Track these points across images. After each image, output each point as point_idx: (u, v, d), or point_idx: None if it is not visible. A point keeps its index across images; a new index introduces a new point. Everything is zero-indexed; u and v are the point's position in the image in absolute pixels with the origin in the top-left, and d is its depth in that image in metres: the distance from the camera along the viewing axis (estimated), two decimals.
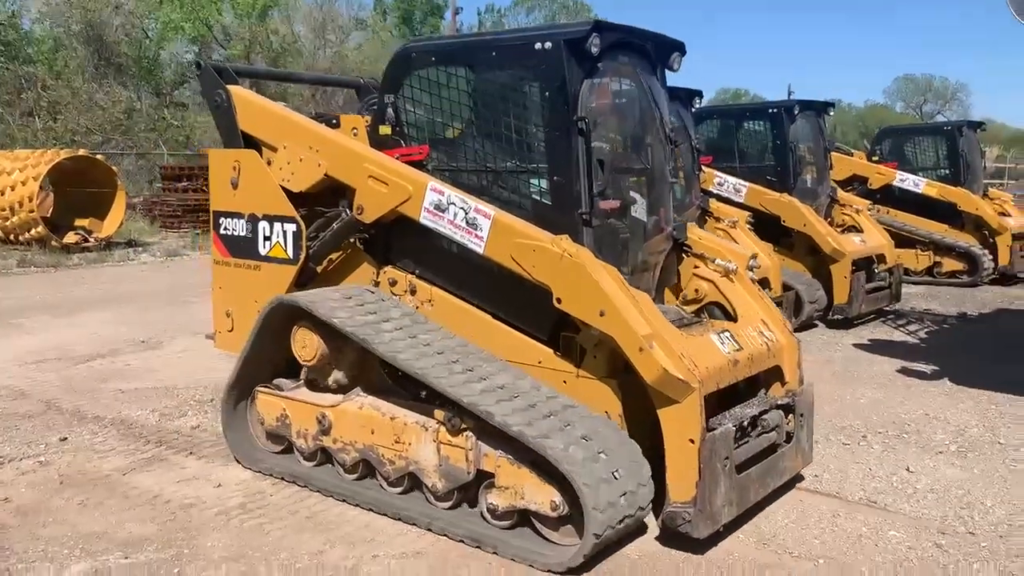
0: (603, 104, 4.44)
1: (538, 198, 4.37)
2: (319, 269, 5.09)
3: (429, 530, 4.13)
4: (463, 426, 4.03)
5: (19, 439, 5.56)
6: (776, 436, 4.40)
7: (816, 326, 9.62)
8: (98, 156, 17.96)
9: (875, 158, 14.32)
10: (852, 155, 14.85)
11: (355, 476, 4.63)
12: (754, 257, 5.29)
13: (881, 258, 10.22)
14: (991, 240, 13.02)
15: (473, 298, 4.60)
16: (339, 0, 38.20)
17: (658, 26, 4.48)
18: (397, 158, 4.69)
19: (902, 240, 12.49)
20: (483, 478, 4.08)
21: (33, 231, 15.93)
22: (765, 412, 4.36)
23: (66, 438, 5.59)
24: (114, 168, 17.64)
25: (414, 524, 4.19)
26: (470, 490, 4.18)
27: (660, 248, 4.87)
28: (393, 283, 4.85)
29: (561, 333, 4.30)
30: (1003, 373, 7.45)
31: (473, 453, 4.03)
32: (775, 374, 4.64)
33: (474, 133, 4.62)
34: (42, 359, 7.81)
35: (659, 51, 4.70)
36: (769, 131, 10.42)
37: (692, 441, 3.77)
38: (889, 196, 13.36)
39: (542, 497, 3.81)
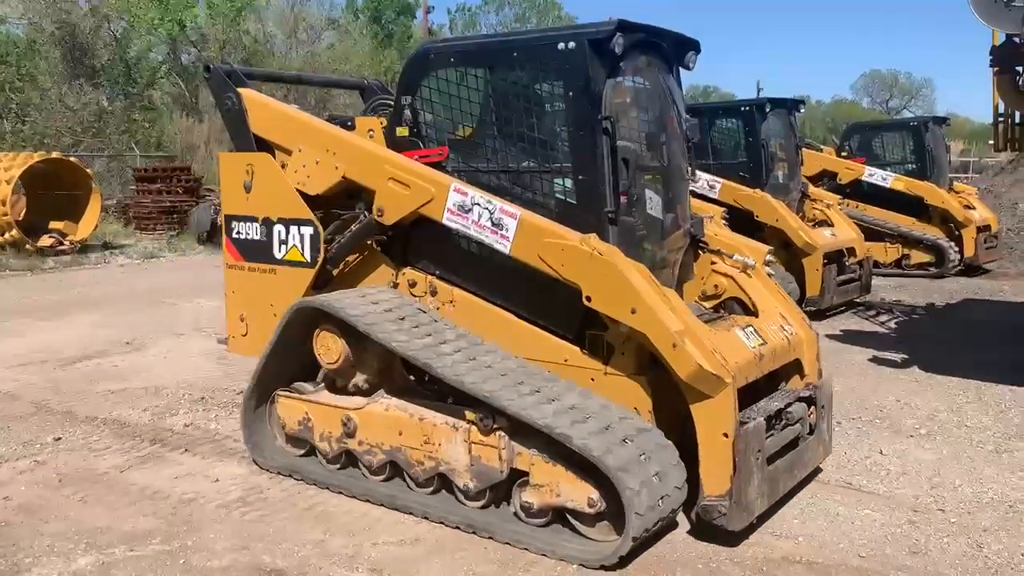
0: (625, 103, 4.45)
1: (562, 197, 4.37)
2: (336, 272, 5.08)
3: (474, 534, 4.15)
4: (495, 425, 4.05)
5: (13, 440, 5.63)
6: (800, 428, 4.49)
7: None
8: (71, 158, 17.85)
9: (844, 154, 14.62)
10: (822, 151, 15.17)
11: (381, 478, 4.62)
12: (770, 251, 5.36)
13: (851, 251, 10.49)
14: (957, 233, 13.35)
15: (496, 298, 4.59)
16: (311, 0, 38.18)
17: None
18: (416, 160, 4.69)
19: (871, 233, 12.78)
20: (515, 477, 4.11)
21: (7, 235, 15.82)
22: (789, 405, 4.42)
23: (60, 438, 5.66)
24: (88, 170, 17.56)
25: (458, 528, 4.20)
26: (501, 489, 4.19)
27: (679, 245, 4.87)
28: (413, 284, 4.83)
29: (587, 331, 4.31)
30: (969, 360, 7.73)
31: (506, 452, 4.05)
32: (793, 367, 4.72)
33: (495, 134, 4.62)
34: (27, 362, 7.85)
35: (675, 49, 4.72)
36: (741, 128, 10.65)
37: (726, 435, 3.83)
38: (858, 191, 13.67)
39: (579, 494, 3.86)
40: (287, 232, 5.08)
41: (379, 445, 4.55)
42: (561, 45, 4.21)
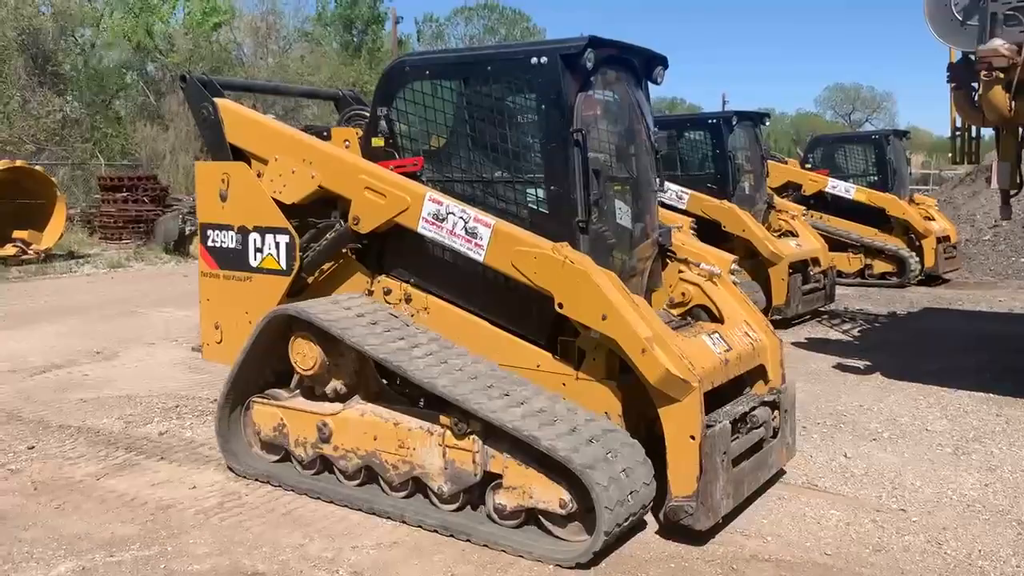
0: (596, 115, 4.58)
1: (535, 207, 4.49)
2: (311, 280, 5.14)
3: (452, 536, 4.21)
4: (469, 429, 4.15)
5: None
6: (764, 432, 4.63)
7: None
8: (36, 167, 17.64)
9: (808, 166, 14.93)
10: (786, 163, 15.45)
11: (356, 483, 4.68)
12: (736, 261, 5.50)
13: (816, 261, 10.72)
14: (917, 243, 13.69)
15: (469, 305, 4.68)
16: (285, 8, 38.06)
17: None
18: (391, 169, 4.76)
19: (835, 244, 13.07)
20: (488, 480, 4.20)
21: None
22: (754, 409, 4.58)
23: (33, 446, 5.64)
24: (53, 179, 17.36)
25: (436, 532, 4.27)
26: (475, 492, 4.28)
27: (647, 254, 5.00)
28: (387, 292, 4.89)
29: (559, 337, 4.42)
30: (929, 367, 7.96)
31: (480, 456, 4.15)
32: (758, 372, 4.88)
33: (469, 145, 4.73)
34: None
35: (645, 64, 4.88)
36: (709, 141, 10.84)
37: (693, 438, 3.97)
38: (822, 202, 13.97)
39: (551, 496, 3.97)
40: (263, 240, 5.14)
41: (354, 450, 4.61)
42: (534, 60, 4.34)
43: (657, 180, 5.03)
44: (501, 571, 3.91)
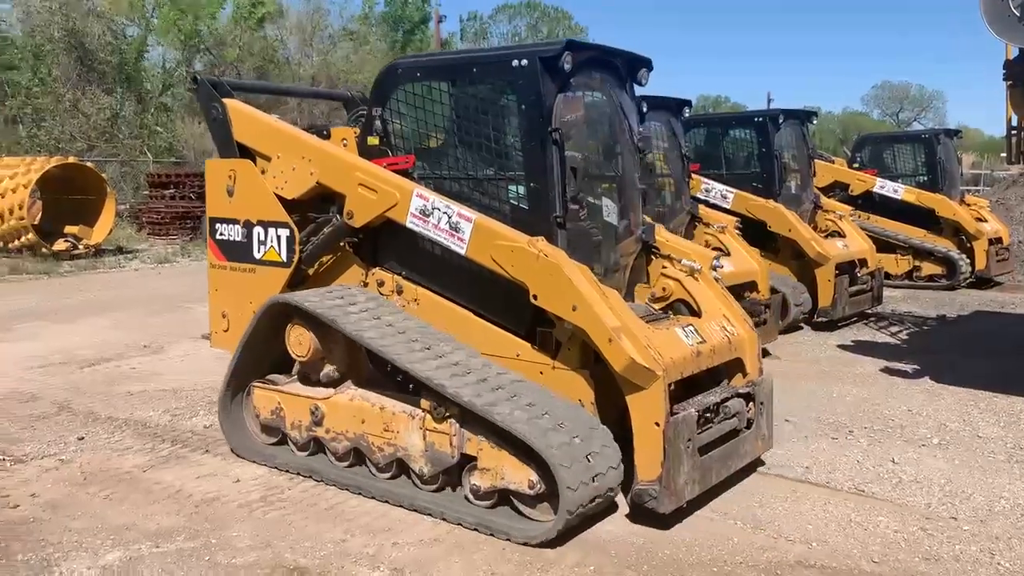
0: (576, 116, 4.80)
1: (516, 203, 4.70)
2: (310, 272, 5.39)
3: (446, 520, 4.39)
4: (447, 414, 4.36)
5: (37, 439, 5.73)
6: (737, 422, 4.75)
7: (802, 328, 9.91)
8: (88, 164, 18.04)
9: (855, 165, 14.67)
10: (833, 162, 15.20)
11: (346, 464, 4.93)
12: (717, 257, 5.62)
13: (863, 262, 10.54)
14: (968, 245, 13.37)
15: (456, 296, 4.90)
16: (331, 9, 38.38)
17: (635, 36, 4.79)
18: (385, 167, 5.00)
19: (883, 245, 12.82)
20: (465, 462, 4.40)
21: (23, 238, 16.01)
22: (727, 400, 4.71)
23: (83, 437, 5.77)
24: (104, 175, 17.75)
25: (437, 517, 4.44)
26: (453, 473, 4.50)
27: (631, 250, 5.24)
28: (381, 284, 5.14)
29: (537, 328, 4.62)
30: (980, 371, 7.76)
31: (457, 438, 4.36)
32: (736, 366, 5.00)
33: (456, 143, 4.96)
34: (47, 364, 7.96)
35: (628, 67, 5.06)
36: (755, 139, 10.68)
37: (657, 424, 4.13)
38: (869, 202, 13.72)
39: (520, 477, 4.16)
40: (265, 234, 5.39)
41: (344, 433, 4.85)
42: (515, 62, 4.54)
43: (639, 178, 5.20)
44: (541, 571, 3.89)
